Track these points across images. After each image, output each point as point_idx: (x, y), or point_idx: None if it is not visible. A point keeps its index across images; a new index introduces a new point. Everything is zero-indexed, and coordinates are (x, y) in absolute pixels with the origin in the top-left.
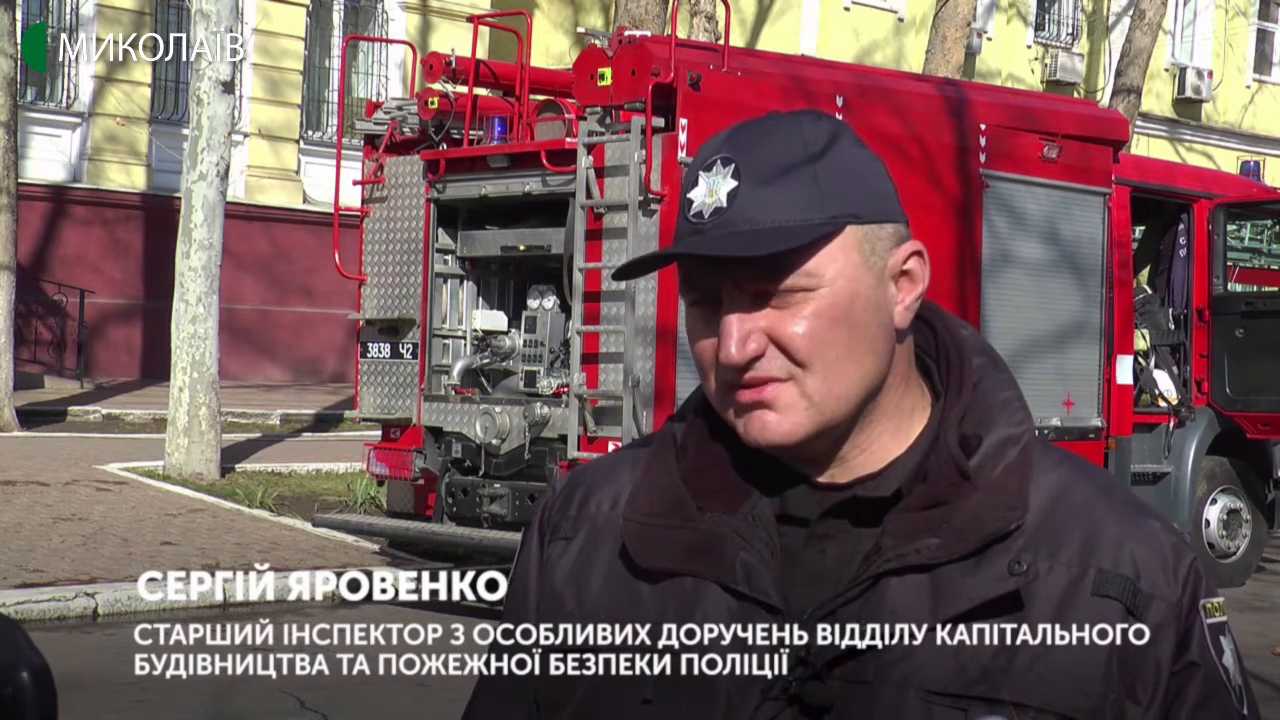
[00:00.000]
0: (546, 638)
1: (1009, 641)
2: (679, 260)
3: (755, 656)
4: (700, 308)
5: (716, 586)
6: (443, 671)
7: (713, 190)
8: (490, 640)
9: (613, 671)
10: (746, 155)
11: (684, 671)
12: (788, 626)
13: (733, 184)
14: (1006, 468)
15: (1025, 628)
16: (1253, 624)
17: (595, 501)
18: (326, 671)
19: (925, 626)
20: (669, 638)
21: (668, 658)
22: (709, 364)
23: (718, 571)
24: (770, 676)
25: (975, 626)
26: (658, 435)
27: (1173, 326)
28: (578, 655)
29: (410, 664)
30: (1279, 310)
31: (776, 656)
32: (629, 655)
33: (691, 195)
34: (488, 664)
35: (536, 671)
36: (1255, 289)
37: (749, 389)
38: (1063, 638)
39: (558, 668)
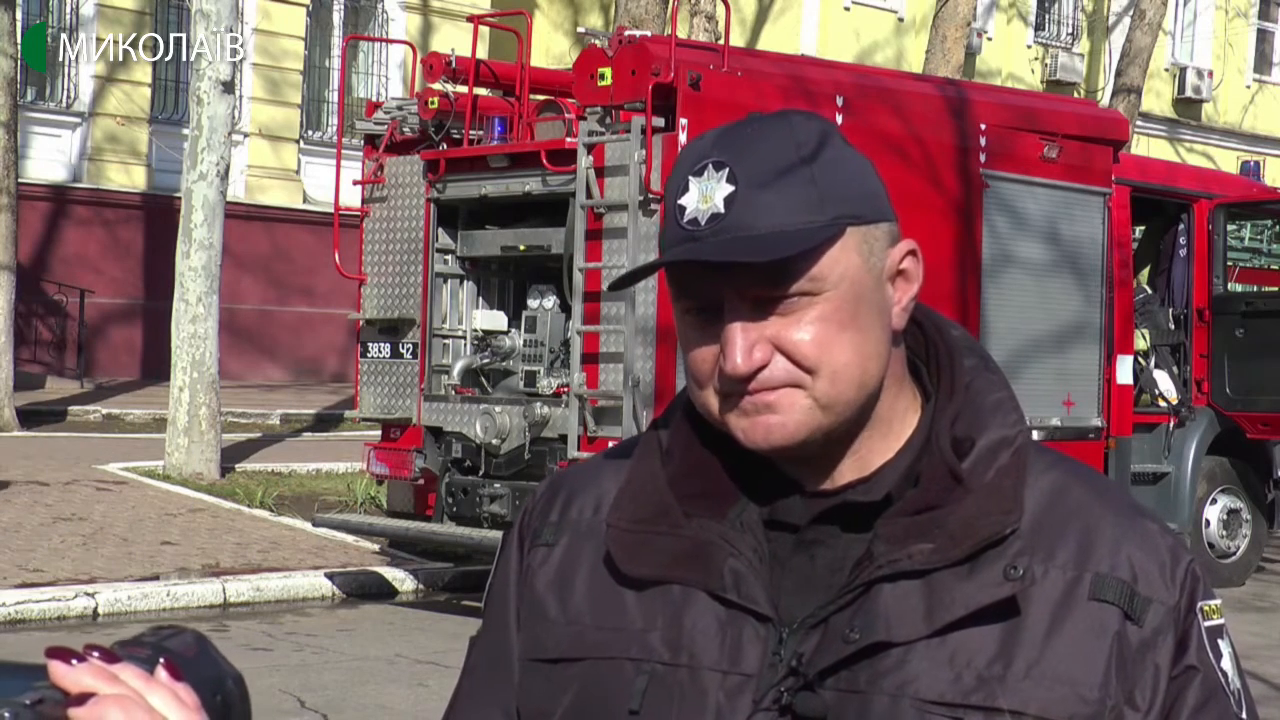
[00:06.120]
0: (528, 647)
1: (1005, 648)
2: (674, 268)
3: (745, 665)
4: (695, 316)
5: (704, 594)
6: (443, 672)
7: (706, 196)
8: (469, 647)
9: (598, 682)
10: (739, 159)
11: (672, 681)
12: (778, 635)
13: (729, 189)
14: (1000, 470)
15: (1022, 634)
16: (1253, 624)
17: (577, 507)
18: (326, 671)
19: (919, 634)
20: (656, 647)
21: (655, 667)
22: (707, 375)
23: (705, 579)
24: (761, 686)
25: (970, 633)
26: (641, 439)
27: (1173, 326)
28: (561, 665)
29: (410, 664)
30: (1279, 310)
31: (767, 666)
32: (615, 665)
33: (683, 201)
34: (467, 671)
35: (517, 681)
36: (1255, 289)
37: (752, 394)
38: (1060, 643)
39: (541, 678)
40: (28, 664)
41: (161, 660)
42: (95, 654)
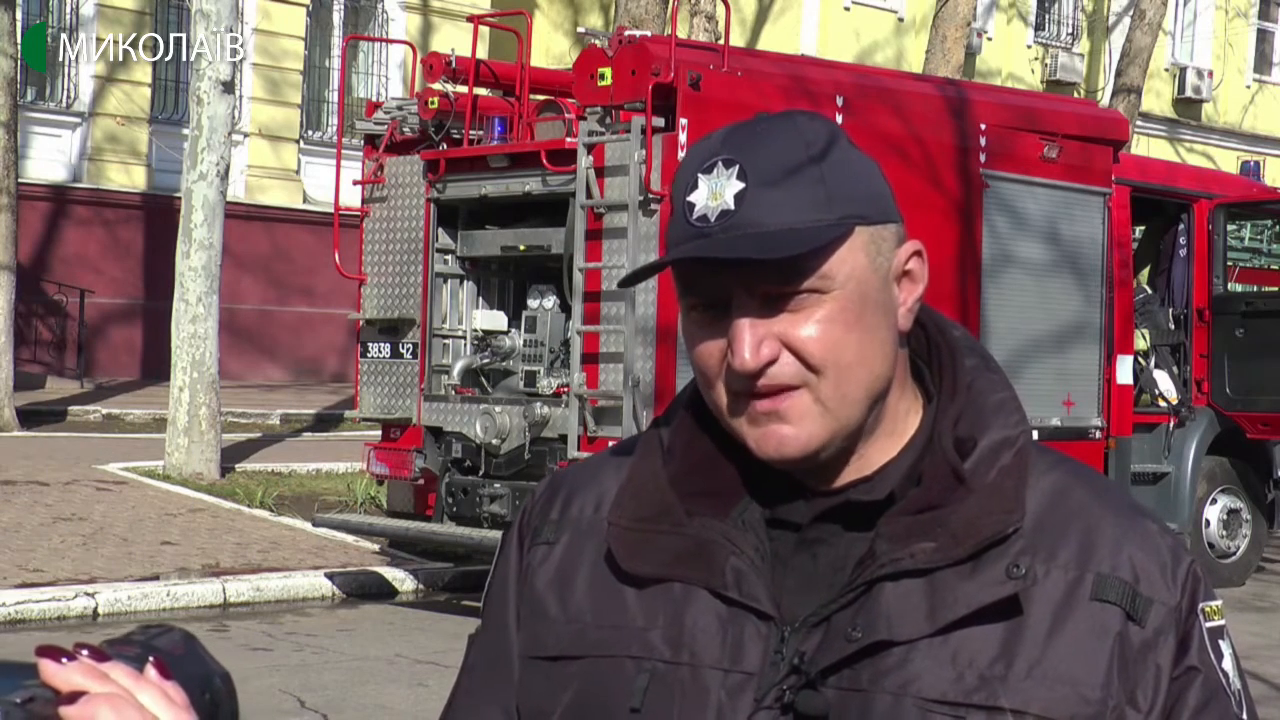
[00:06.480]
0: (528, 644)
1: (1007, 648)
2: (682, 265)
3: (747, 664)
4: (701, 313)
5: (706, 593)
6: (443, 672)
7: (716, 193)
8: (468, 645)
9: (599, 680)
10: (749, 156)
11: (673, 679)
12: (780, 633)
13: (739, 186)
14: (1002, 470)
15: (1024, 633)
16: (1253, 624)
17: (578, 505)
18: (326, 671)
19: (922, 633)
20: (657, 645)
21: (656, 665)
22: (715, 372)
23: (707, 577)
24: (763, 685)
25: (973, 632)
26: (642, 437)
27: (1173, 326)
28: (562, 663)
29: (410, 664)
30: (1279, 310)
31: (769, 664)
32: (615, 663)
33: (692, 198)
34: (466, 669)
35: (517, 680)
36: (1255, 289)
37: (764, 398)
38: (1062, 643)
39: (540, 676)
40: (18, 662)
41: (151, 658)
42: (85, 652)
